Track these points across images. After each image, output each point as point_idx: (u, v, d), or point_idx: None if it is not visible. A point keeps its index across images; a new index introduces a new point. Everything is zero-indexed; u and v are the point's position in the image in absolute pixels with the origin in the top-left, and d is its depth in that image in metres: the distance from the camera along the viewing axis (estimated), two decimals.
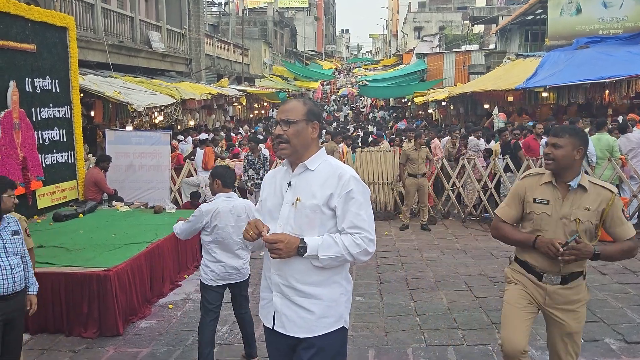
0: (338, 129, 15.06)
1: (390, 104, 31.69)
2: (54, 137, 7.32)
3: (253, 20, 41.53)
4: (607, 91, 10.76)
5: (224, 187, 3.91)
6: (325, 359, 2.21)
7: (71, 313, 4.61)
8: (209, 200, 4.05)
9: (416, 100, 21.40)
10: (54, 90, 7.26)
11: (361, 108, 36.00)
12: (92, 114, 10.33)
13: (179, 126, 14.76)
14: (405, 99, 25.79)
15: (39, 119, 6.98)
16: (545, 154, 2.81)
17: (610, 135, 8.17)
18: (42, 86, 7.00)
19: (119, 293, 4.64)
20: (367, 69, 48.65)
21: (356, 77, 44.99)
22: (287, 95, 26.50)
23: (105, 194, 7.62)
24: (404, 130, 12.91)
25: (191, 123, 15.16)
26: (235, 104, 20.54)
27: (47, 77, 7.11)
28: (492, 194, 8.73)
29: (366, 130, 17.01)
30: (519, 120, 12.93)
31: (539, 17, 19.54)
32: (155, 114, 11.21)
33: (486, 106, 14.81)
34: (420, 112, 23.37)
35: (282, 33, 46.37)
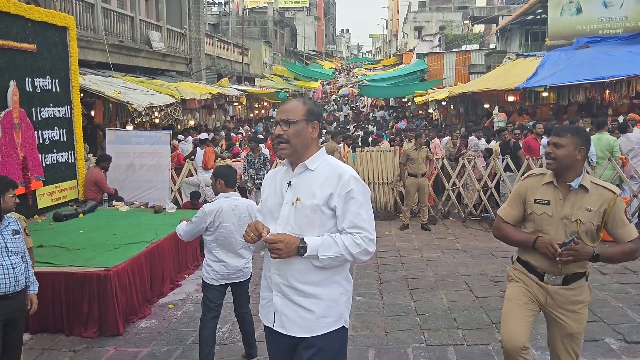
0: (338, 129, 15.02)
1: (391, 103, 31.70)
2: (54, 137, 7.32)
3: (253, 20, 41.49)
4: (608, 91, 10.76)
5: (226, 187, 3.92)
6: (326, 358, 2.21)
7: (71, 313, 4.62)
8: (211, 200, 4.05)
9: (416, 100, 21.41)
10: (54, 90, 7.26)
11: (361, 108, 36.03)
12: (92, 113, 10.32)
13: (179, 126, 14.76)
14: (406, 99, 25.78)
15: (39, 118, 6.98)
16: (546, 154, 2.80)
17: (610, 135, 8.18)
18: (42, 86, 7.01)
19: (119, 293, 4.65)
20: (368, 69, 48.69)
21: (356, 77, 45.03)
22: (287, 95, 26.48)
23: (105, 194, 7.63)
24: (404, 130, 12.88)
25: (191, 123, 15.16)
26: (236, 104, 20.52)
27: (48, 77, 7.11)
28: (492, 193, 8.74)
29: (366, 130, 17.01)
30: (519, 120, 12.91)
31: (539, 17, 19.52)
32: (156, 113, 11.20)
33: (486, 106, 14.80)
34: (421, 112, 23.37)
35: (282, 33, 46.34)
